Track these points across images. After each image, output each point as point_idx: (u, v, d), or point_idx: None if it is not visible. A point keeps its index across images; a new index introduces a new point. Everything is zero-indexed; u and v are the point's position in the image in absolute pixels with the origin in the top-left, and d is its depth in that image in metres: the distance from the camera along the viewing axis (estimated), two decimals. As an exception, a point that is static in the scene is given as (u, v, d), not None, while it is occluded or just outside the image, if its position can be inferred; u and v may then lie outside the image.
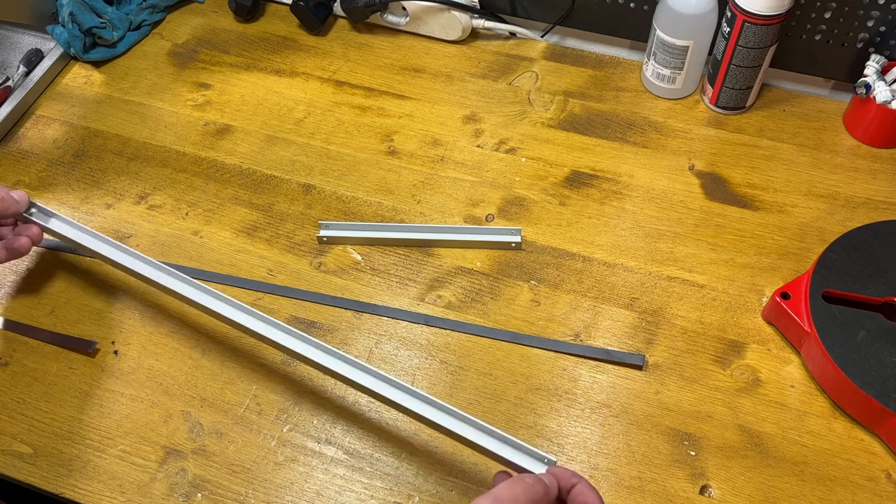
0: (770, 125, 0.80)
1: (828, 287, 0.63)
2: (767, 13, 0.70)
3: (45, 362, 0.68)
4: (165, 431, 0.63)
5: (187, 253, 0.74)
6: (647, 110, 0.82)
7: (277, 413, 0.64)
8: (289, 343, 0.59)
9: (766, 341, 0.66)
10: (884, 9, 0.74)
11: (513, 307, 0.69)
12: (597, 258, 0.72)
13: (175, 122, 0.85)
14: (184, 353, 0.68)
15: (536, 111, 0.83)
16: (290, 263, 0.73)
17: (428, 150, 0.81)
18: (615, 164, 0.78)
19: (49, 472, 0.62)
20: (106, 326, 0.69)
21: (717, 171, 0.77)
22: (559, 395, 0.64)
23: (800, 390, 0.63)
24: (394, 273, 0.72)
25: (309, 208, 0.77)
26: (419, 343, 0.67)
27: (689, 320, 0.67)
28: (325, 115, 0.84)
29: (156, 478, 0.61)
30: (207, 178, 0.80)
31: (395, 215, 0.76)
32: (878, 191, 0.74)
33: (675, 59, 0.78)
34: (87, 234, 0.67)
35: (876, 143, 0.77)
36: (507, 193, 0.77)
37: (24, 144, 0.84)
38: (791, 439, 0.60)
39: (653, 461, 0.60)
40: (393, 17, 0.90)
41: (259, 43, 0.92)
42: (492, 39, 0.91)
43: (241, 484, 0.60)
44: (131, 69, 0.91)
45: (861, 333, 0.60)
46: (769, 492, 0.58)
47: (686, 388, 0.63)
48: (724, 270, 0.70)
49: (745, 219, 0.73)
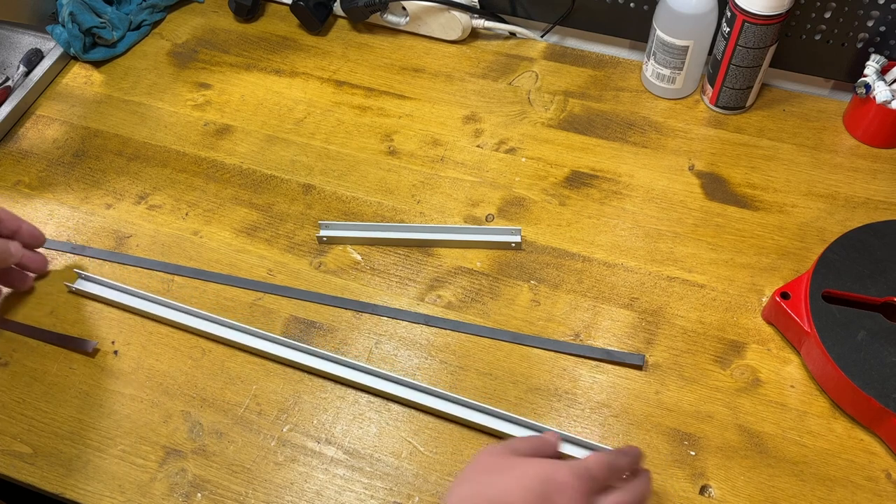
0: (770, 125, 0.80)
1: (828, 287, 0.63)
2: (767, 13, 0.70)
3: (45, 362, 0.68)
4: (165, 431, 0.63)
5: (187, 253, 0.74)
6: (647, 110, 0.82)
7: (277, 413, 0.64)
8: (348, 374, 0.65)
9: (766, 341, 0.66)
10: (884, 9, 0.74)
11: (513, 307, 0.69)
12: (597, 258, 0.72)
13: (175, 122, 0.85)
14: (184, 353, 0.68)
15: (536, 111, 0.83)
16: (290, 263, 0.73)
17: (428, 150, 0.81)
18: (615, 164, 0.78)
19: (49, 472, 0.62)
20: (106, 326, 0.69)
21: (717, 171, 0.77)
22: (559, 395, 0.64)
23: (800, 390, 0.63)
24: (394, 273, 0.72)
25: (309, 208, 0.77)
26: (419, 343, 0.67)
27: (689, 320, 0.67)
28: (325, 115, 0.84)
29: (156, 478, 0.61)
30: (207, 178, 0.80)
31: (395, 215, 0.76)
32: (878, 191, 0.74)
33: (675, 59, 0.78)
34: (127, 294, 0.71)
35: (876, 143, 0.77)
36: (507, 193, 0.77)
37: (24, 144, 0.84)
38: (791, 439, 0.60)
39: (653, 461, 0.60)
40: (393, 17, 0.90)
41: (259, 43, 0.92)
42: (492, 39, 0.91)
43: (241, 484, 0.60)
44: (131, 69, 0.91)
45: (861, 333, 0.60)
46: (769, 492, 0.58)
47: (686, 388, 0.63)
48: (724, 270, 0.70)
49: (745, 219, 0.73)
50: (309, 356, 0.65)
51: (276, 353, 0.66)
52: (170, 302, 0.69)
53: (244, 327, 0.67)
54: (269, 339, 0.66)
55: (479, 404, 0.62)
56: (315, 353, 0.65)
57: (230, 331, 0.67)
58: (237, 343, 0.67)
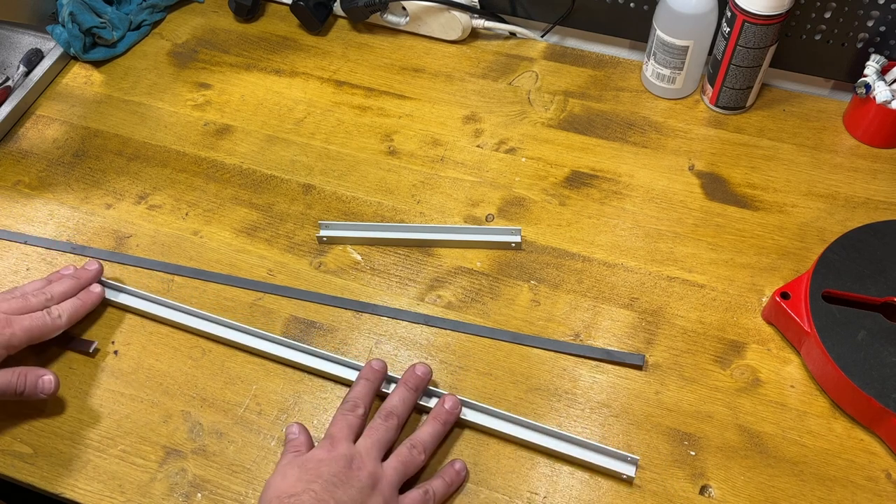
0: (770, 125, 0.80)
1: (828, 287, 0.63)
2: (767, 13, 0.70)
3: (45, 362, 0.68)
4: (165, 431, 0.63)
5: (187, 253, 0.74)
6: (647, 110, 0.82)
7: (277, 413, 0.64)
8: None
9: (766, 341, 0.66)
10: (884, 9, 0.74)
11: (513, 307, 0.69)
12: (597, 258, 0.72)
13: (175, 122, 0.85)
14: (184, 353, 0.68)
15: (536, 111, 0.83)
16: (290, 263, 0.73)
17: (428, 150, 0.81)
18: (615, 164, 0.78)
19: (49, 472, 0.62)
20: (106, 326, 0.69)
21: (717, 171, 0.77)
22: (559, 395, 0.64)
23: (800, 390, 0.63)
24: (394, 273, 0.72)
25: (309, 208, 0.77)
26: (419, 343, 0.67)
27: (689, 320, 0.67)
28: (325, 115, 0.84)
29: (156, 478, 0.61)
30: (207, 178, 0.80)
31: (395, 215, 0.76)
32: (878, 191, 0.74)
33: (675, 59, 0.78)
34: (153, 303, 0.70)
35: (876, 143, 0.77)
36: (507, 193, 0.77)
37: (24, 144, 0.84)
38: (791, 439, 0.60)
39: (653, 461, 0.60)
40: (393, 17, 0.90)
41: (259, 43, 0.92)
42: (492, 39, 0.91)
43: (241, 484, 0.60)
44: (131, 69, 0.91)
45: (861, 333, 0.60)
46: (769, 492, 0.58)
47: (686, 388, 0.63)
48: (724, 270, 0.70)
49: (745, 219, 0.73)
50: (309, 356, 0.66)
51: (276, 353, 0.66)
52: (170, 302, 0.69)
53: (244, 327, 0.67)
54: (269, 339, 0.66)
55: (479, 404, 0.61)
56: (315, 353, 0.66)
57: (230, 331, 0.67)
58: (237, 343, 0.67)
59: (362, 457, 0.55)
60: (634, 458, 0.58)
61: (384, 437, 0.57)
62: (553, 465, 0.60)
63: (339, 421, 0.58)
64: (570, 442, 0.60)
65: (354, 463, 0.55)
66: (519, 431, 0.60)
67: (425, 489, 0.56)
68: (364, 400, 0.59)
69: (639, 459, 0.59)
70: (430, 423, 0.59)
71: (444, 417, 0.60)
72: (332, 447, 0.56)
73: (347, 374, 0.64)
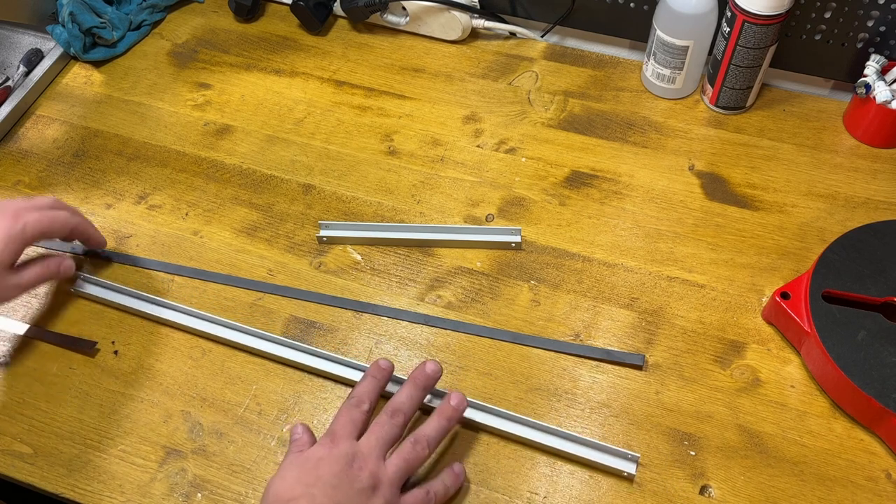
0: (770, 125, 0.80)
1: (828, 287, 0.63)
2: (767, 13, 0.70)
3: (45, 362, 0.68)
4: (165, 431, 0.63)
5: (187, 253, 0.74)
6: (647, 110, 0.82)
7: (277, 413, 0.64)
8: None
9: (766, 341, 0.66)
10: (884, 9, 0.74)
11: (513, 307, 0.69)
12: (597, 258, 0.72)
13: (175, 122, 0.85)
14: (184, 353, 0.68)
15: (536, 111, 0.83)
16: (290, 263, 0.73)
17: (428, 150, 0.81)
18: (615, 164, 0.78)
19: (49, 472, 0.62)
20: (106, 326, 0.69)
21: (717, 171, 0.77)
22: (559, 395, 0.64)
23: (800, 390, 0.63)
24: (394, 273, 0.72)
25: (309, 208, 0.77)
26: (419, 343, 0.67)
27: (689, 320, 0.67)
28: (325, 115, 0.84)
29: (156, 478, 0.61)
30: (207, 178, 0.80)
31: (395, 215, 0.76)
32: (878, 191, 0.74)
33: (675, 59, 0.78)
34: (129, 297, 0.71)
35: (876, 143, 0.77)
36: (507, 193, 0.77)
37: (24, 144, 0.84)
38: (791, 439, 0.60)
39: (653, 461, 0.60)
40: (393, 17, 0.90)
41: (259, 43, 0.92)
42: (492, 39, 0.91)
43: (241, 484, 0.60)
44: (131, 69, 0.91)
45: (861, 333, 0.60)
46: (769, 492, 0.58)
47: (686, 388, 0.63)
48: (724, 270, 0.70)
49: (745, 219, 0.73)
50: (309, 356, 0.66)
51: (276, 353, 0.66)
52: (170, 302, 0.69)
53: (244, 327, 0.67)
54: (269, 339, 0.66)
55: (480, 402, 0.61)
56: (315, 353, 0.66)
57: (230, 331, 0.67)
58: (237, 343, 0.67)
59: (364, 456, 0.55)
60: (635, 456, 0.58)
61: (388, 435, 0.56)
62: (553, 464, 0.60)
63: (342, 415, 0.57)
64: (571, 440, 0.60)
65: (355, 462, 0.54)
66: (520, 429, 0.60)
67: (426, 489, 0.56)
68: (370, 396, 0.58)
69: (640, 457, 0.59)
70: (434, 419, 0.58)
71: (450, 414, 0.59)
72: (333, 444, 0.55)
73: (347, 373, 0.64)
